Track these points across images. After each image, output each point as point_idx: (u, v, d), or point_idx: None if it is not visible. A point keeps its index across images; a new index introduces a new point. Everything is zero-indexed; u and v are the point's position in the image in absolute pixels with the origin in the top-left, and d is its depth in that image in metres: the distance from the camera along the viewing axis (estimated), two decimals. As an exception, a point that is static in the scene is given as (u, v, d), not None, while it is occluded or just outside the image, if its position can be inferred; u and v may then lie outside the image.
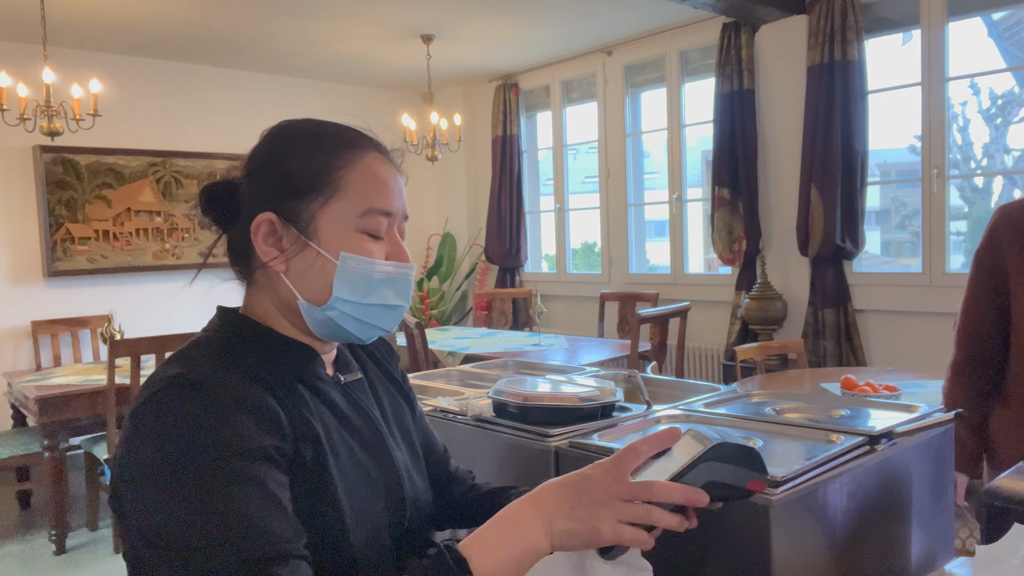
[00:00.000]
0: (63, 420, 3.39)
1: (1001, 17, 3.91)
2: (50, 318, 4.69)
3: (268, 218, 0.87)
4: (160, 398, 0.78)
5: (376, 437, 0.95)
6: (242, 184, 0.91)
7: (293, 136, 0.92)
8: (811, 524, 0.99)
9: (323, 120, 0.95)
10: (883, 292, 4.06)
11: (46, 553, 3.43)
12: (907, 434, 1.15)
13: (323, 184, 0.88)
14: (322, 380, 0.92)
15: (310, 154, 0.89)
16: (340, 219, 0.88)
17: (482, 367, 1.96)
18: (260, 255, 0.89)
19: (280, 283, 0.89)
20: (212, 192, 0.92)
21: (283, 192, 0.88)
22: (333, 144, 0.91)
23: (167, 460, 0.74)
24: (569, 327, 5.57)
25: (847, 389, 2.52)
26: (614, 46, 5.24)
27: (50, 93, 3.64)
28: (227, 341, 0.88)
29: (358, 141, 0.93)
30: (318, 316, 0.89)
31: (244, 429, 0.77)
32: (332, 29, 4.60)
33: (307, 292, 0.89)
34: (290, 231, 0.88)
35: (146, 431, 0.76)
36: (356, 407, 0.95)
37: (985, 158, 4.09)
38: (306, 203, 0.88)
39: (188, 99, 5.17)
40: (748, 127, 4.42)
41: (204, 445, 0.74)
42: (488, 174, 6.14)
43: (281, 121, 0.95)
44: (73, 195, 4.77)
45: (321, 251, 0.87)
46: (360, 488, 0.89)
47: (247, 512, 0.73)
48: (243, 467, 0.75)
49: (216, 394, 0.78)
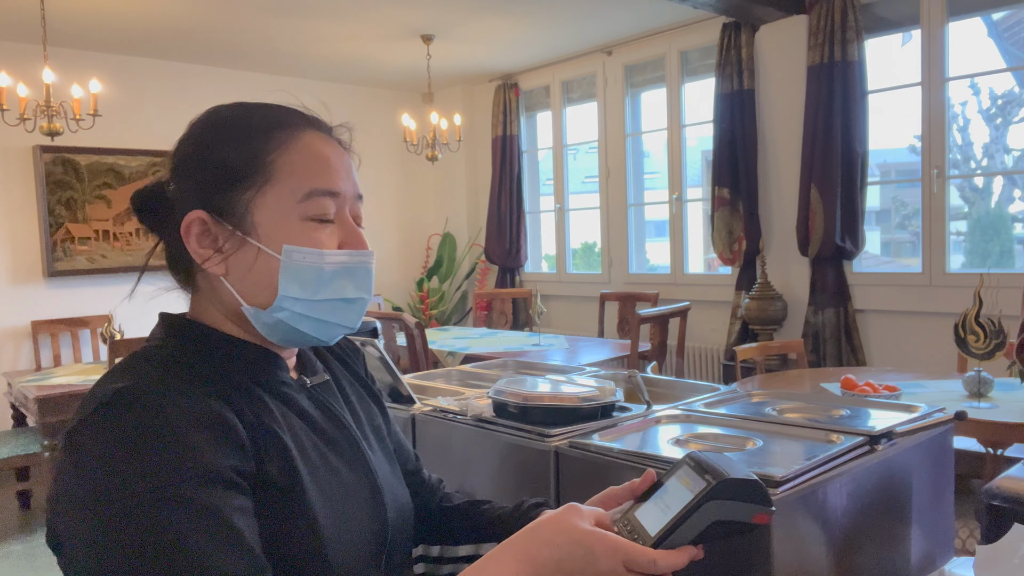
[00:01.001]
0: (63, 420, 3.39)
1: (1001, 17, 3.91)
2: (50, 318, 4.69)
3: (198, 216, 0.79)
4: (98, 418, 0.68)
5: (350, 442, 0.87)
6: (169, 183, 0.82)
7: (217, 123, 0.83)
8: (811, 524, 0.99)
9: (253, 102, 0.86)
10: (883, 292, 4.06)
11: (46, 553, 3.42)
12: (907, 434, 1.15)
13: (254, 171, 0.79)
14: (286, 385, 0.84)
15: (237, 140, 0.80)
16: (278, 208, 0.79)
17: (482, 367, 1.96)
18: (195, 257, 0.80)
19: (222, 287, 0.81)
20: (142, 197, 0.84)
21: (211, 186, 0.79)
22: (261, 126, 0.81)
23: (105, 491, 0.65)
24: (569, 327, 5.56)
25: (847, 389, 2.51)
26: (614, 46, 5.24)
27: (50, 93, 3.64)
28: (176, 349, 0.79)
29: (291, 119, 0.83)
30: (267, 320, 0.80)
31: (198, 450, 0.68)
32: (332, 29, 4.60)
33: (251, 295, 0.80)
34: (224, 228, 0.79)
35: (82, 457, 0.67)
36: (326, 412, 0.87)
37: (985, 158, 4.09)
38: (237, 194, 0.78)
39: (188, 99, 5.16)
40: (748, 127, 4.42)
41: (150, 471, 0.65)
42: (488, 174, 6.14)
43: (207, 110, 0.85)
44: (73, 195, 4.77)
45: (261, 246, 0.78)
46: (337, 499, 0.80)
47: (198, 550, 0.64)
48: (196, 495, 0.66)
49: (164, 410, 0.69)
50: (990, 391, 2.51)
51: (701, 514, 0.69)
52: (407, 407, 1.49)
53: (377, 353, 1.48)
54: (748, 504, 0.69)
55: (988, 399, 2.48)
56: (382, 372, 1.51)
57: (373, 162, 6.12)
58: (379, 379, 1.54)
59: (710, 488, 0.68)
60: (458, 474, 1.37)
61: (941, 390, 2.65)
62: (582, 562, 0.70)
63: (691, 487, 0.71)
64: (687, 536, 0.70)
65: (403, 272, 6.48)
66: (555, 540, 0.72)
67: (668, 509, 0.71)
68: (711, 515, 0.69)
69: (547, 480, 1.18)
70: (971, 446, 2.41)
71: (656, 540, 0.70)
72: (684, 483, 0.73)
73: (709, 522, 0.69)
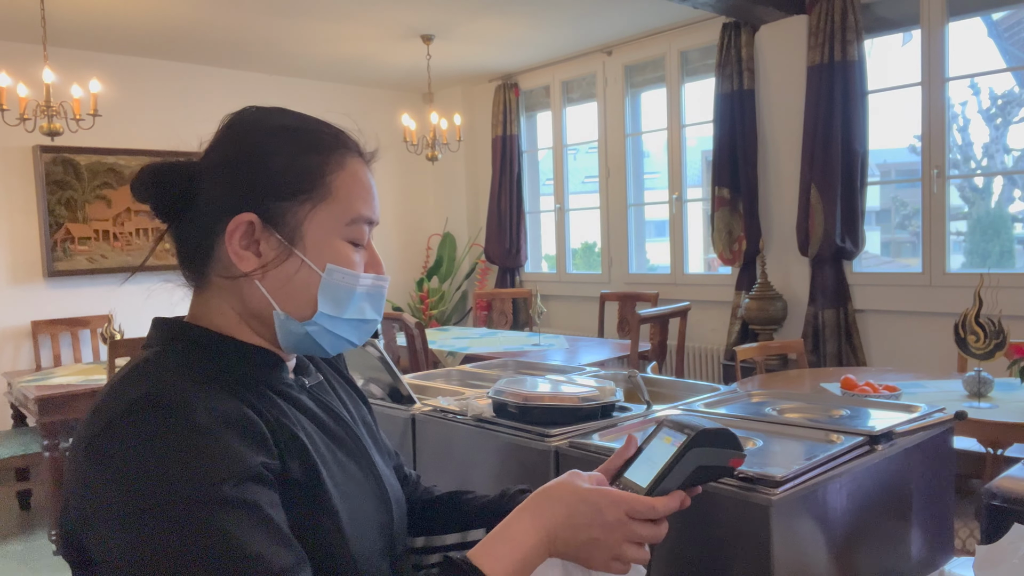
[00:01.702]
0: (63, 420, 3.39)
1: (1001, 17, 3.91)
2: (50, 318, 4.69)
3: (248, 219, 0.78)
4: (124, 425, 0.68)
5: (353, 439, 0.89)
6: (206, 174, 0.80)
7: (276, 130, 0.83)
8: (811, 524, 0.99)
9: (301, 113, 0.86)
10: (883, 292, 4.06)
11: (46, 553, 3.43)
12: (907, 434, 1.15)
13: (313, 187, 0.80)
14: (290, 386, 0.85)
15: (299, 152, 0.81)
16: (327, 227, 0.80)
17: (482, 367, 1.96)
18: (235, 260, 0.78)
19: (253, 291, 0.80)
20: (161, 174, 0.80)
21: (266, 192, 0.79)
22: (323, 143, 0.83)
23: (145, 499, 0.65)
24: (569, 327, 5.56)
25: (847, 389, 2.51)
26: (614, 46, 5.24)
27: (50, 93, 3.64)
28: (184, 354, 0.78)
29: (347, 143, 0.85)
30: (295, 330, 0.81)
31: (230, 448, 0.69)
32: (332, 29, 4.60)
33: (287, 304, 0.80)
34: (272, 236, 0.79)
35: (112, 467, 0.67)
36: (327, 411, 0.88)
37: (985, 158, 4.09)
38: (294, 206, 0.79)
39: (188, 99, 5.17)
40: (748, 127, 4.42)
41: (188, 474, 0.66)
42: (488, 174, 6.14)
43: (249, 109, 0.85)
44: (73, 195, 4.77)
45: (306, 260, 0.80)
46: (350, 494, 0.82)
47: (244, 543, 0.65)
48: (236, 493, 0.67)
49: (191, 411, 0.69)
50: (990, 391, 2.51)
51: (686, 462, 0.78)
52: (407, 407, 1.49)
53: (377, 353, 1.48)
54: (724, 450, 0.80)
55: (988, 399, 2.48)
56: (382, 372, 1.51)
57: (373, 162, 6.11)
58: (379, 379, 1.54)
59: (690, 439, 0.79)
60: (458, 474, 1.37)
61: (941, 390, 2.65)
62: (589, 517, 0.77)
63: (672, 442, 0.81)
64: (675, 482, 0.79)
65: (403, 272, 6.49)
66: (564, 499, 0.79)
67: (655, 464, 0.80)
68: (694, 461, 0.78)
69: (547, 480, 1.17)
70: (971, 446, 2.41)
71: (648, 489, 0.79)
72: (665, 440, 0.82)
73: (693, 467, 0.79)
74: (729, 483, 0.95)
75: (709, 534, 0.98)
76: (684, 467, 0.79)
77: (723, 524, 0.97)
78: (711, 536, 0.98)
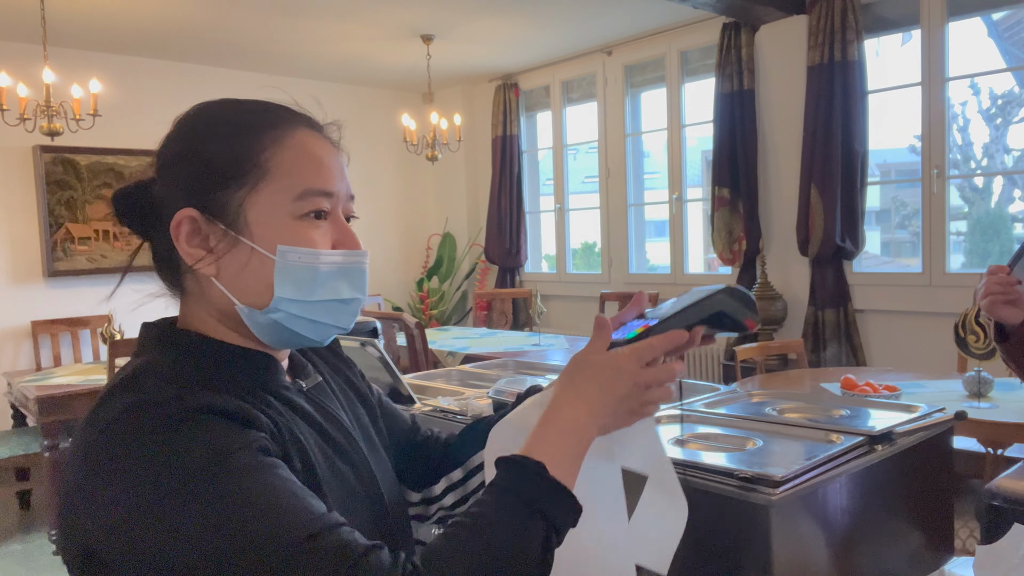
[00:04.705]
0: (63, 420, 3.39)
1: (1001, 17, 3.91)
2: (50, 318, 4.69)
3: (188, 215, 0.77)
4: (119, 428, 0.67)
5: (350, 443, 0.87)
6: (156, 182, 0.80)
7: (207, 120, 0.81)
8: (811, 524, 0.99)
9: (243, 99, 0.84)
10: (883, 292, 4.06)
11: (46, 553, 3.43)
12: (907, 434, 1.15)
13: (247, 169, 0.77)
14: (286, 388, 0.83)
15: (228, 137, 0.78)
16: (272, 207, 0.77)
17: (482, 367, 1.96)
18: (185, 258, 0.78)
19: (213, 289, 0.79)
20: (124, 196, 0.81)
21: (201, 184, 0.77)
22: (254, 123, 0.80)
23: (158, 489, 0.64)
24: (569, 327, 5.56)
25: (847, 389, 2.52)
26: (614, 46, 5.24)
27: (50, 93, 3.64)
28: (175, 361, 0.77)
29: (283, 117, 0.82)
30: (261, 320, 0.79)
31: (232, 426, 0.69)
32: (332, 29, 4.60)
33: (244, 295, 0.78)
34: (216, 227, 0.77)
35: (117, 470, 0.66)
36: (325, 413, 0.86)
37: (985, 158, 4.09)
38: (229, 193, 0.77)
39: (188, 99, 5.09)
40: (748, 127, 4.42)
41: (195, 453, 0.65)
42: (488, 174, 6.14)
43: (194, 106, 0.83)
44: (73, 195, 4.77)
45: (255, 246, 0.77)
46: (345, 500, 0.81)
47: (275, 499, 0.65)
48: (248, 459, 0.67)
49: (188, 403, 0.68)
50: (990, 391, 2.51)
51: (712, 301, 0.83)
52: (407, 407, 1.49)
53: (377, 353, 1.48)
54: (745, 309, 0.84)
55: (988, 399, 2.48)
56: (382, 372, 1.51)
57: (373, 162, 6.12)
58: (379, 379, 1.54)
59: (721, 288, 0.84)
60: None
61: (941, 390, 2.65)
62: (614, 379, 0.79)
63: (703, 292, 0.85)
64: (695, 316, 0.82)
65: (403, 272, 6.48)
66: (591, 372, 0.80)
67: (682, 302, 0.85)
68: (719, 304, 0.83)
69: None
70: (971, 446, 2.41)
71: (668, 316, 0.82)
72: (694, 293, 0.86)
73: (716, 309, 0.82)
74: (729, 483, 0.96)
75: (709, 534, 0.98)
76: (708, 305, 0.82)
77: (723, 524, 0.97)
78: (711, 536, 0.98)
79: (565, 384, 0.81)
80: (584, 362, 0.81)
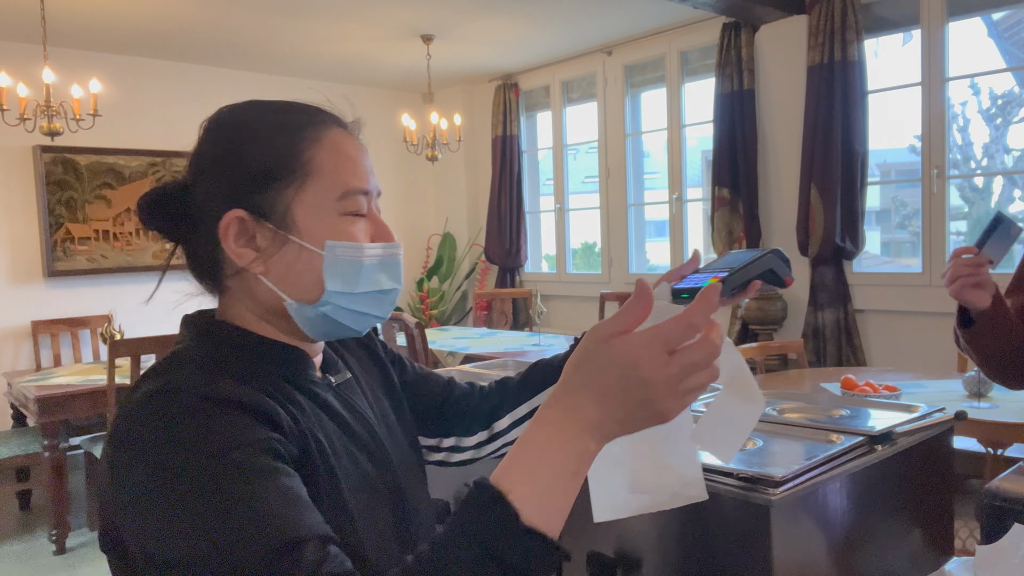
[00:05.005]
0: (63, 420, 3.39)
1: (1001, 17, 3.91)
2: (50, 318, 4.69)
3: (237, 216, 0.78)
4: (138, 412, 0.70)
5: (374, 440, 0.88)
6: (194, 186, 0.81)
7: (247, 121, 0.82)
8: (811, 524, 0.99)
9: (271, 100, 0.85)
10: (883, 292, 4.06)
11: (46, 553, 3.43)
12: (907, 434, 1.15)
13: (292, 169, 0.79)
14: (315, 383, 0.85)
15: (271, 138, 0.80)
16: (318, 205, 0.80)
17: (482, 367, 1.96)
18: (234, 259, 0.79)
19: (260, 287, 0.81)
20: (155, 201, 0.82)
21: (248, 185, 0.79)
22: (294, 123, 0.82)
23: (156, 475, 0.66)
24: (569, 327, 5.56)
25: (847, 389, 2.51)
26: (614, 46, 5.24)
27: (50, 93, 3.64)
28: (208, 350, 0.79)
29: (318, 116, 0.84)
30: (310, 314, 0.81)
31: (240, 422, 0.69)
32: (332, 29, 4.60)
33: (294, 291, 0.80)
34: (264, 227, 0.79)
35: (130, 450, 0.69)
36: (351, 410, 0.88)
37: (985, 158, 4.09)
38: (277, 193, 0.79)
39: (188, 99, 5.17)
40: (748, 127, 4.42)
41: (194, 446, 0.66)
42: (488, 174, 6.14)
43: (222, 109, 0.84)
44: (73, 195, 4.77)
45: (304, 243, 0.79)
46: (366, 498, 0.82)
47: (258, 504, 0.65)
48: (245, 459, 0.67)
49: (204, 393, 0.70)
50: (990, 391, 2.51)
51: (763, 261, 0.92)
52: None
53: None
54: (787, 268, 0.95)
55: (988, 399, 2.48)
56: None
57: (373, 162, 6.10)
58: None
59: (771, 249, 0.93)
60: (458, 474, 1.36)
61: (941, 390, 2.65)
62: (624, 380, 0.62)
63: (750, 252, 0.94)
64: (750, 274, 0.90)
65: (403, 272, 6.47)
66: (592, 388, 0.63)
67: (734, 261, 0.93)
68: (767, 264, 0.92)
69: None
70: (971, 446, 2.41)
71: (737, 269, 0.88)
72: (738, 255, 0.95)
73: (768, 267, 0.92)
74: (729, 483, 0.96)
75: (709, 534, 0.98)
76: (759, 265, 0.91)
77: (723, 524, 0.96)
78: (711, 536, 0.98)
79: (566, 379, 0.65)
80: (594, 352, 0.63)
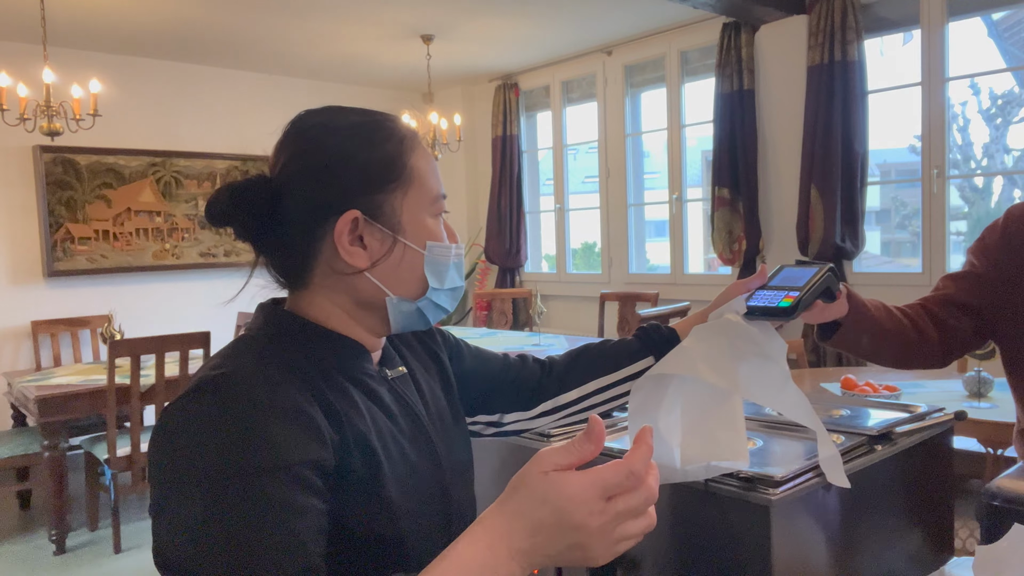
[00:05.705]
0: (63, 420, 3.39)
1: (1001, 17, 3.91)
2: (50, 318, 4.69)
3: (354, 216, 0.82)
4: (190, 400, 0.73)
5: (424, 435, 0.90)
6: (288, 186, 0.83)
7: (349, 128, 0.86)
8: (811, 524, 0.99)
9: (357, 108, 0.90)
10: (883, 292, 4.05)
11: (46, 553, 3.43)
12: (907, 434, 1.15)
13: (400, 173, 0.85)
14: (370, 377, 0.87)
15: (382, 143, 0.85)
16: (419, 208, 0.86)
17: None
18: (346, 258, 0.82)
19: (362, 283, 0.85)
20: (243, 194, 0.82)
21: (360, 188, 0.83)
22: (393, 132, 0.87)
23: (175, 471, 0.69)
24: (569, 327, 5.56)
25: (847, 389, 2.52)
26: (614, 46, 5.24)
27: (50, 93, 3.64)
28: (272, 338, 0.83)
29: (409, 128, 0.90)
30: (406, 308, 0.87)
31: (272, 443, 0.70)
32: (332, 29, 4.60)
33: (398, 287, 0.86)
34: (375, 227, 0.84)
35: (168, 434, 0.72)
36: (403, 405, 0.90)
37: (985, 158, 4.09)
38: (388, 196, 0.84)
39: (188, 99, 5.17)
40: (748, 127, 4.42)
41: (217, 455, 0.68)
42: (488, 174, 6.14)
43: (310, 114, 0.87)
44: (73, 195, 4.77)
45: (409, 244, 0.86)
46: (413, 492, 0.84)
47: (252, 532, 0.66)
48: (261, 484, 0.68)
49: (248, 399, 0.72)
50: (990, 391, 2.51)
51: (825, 279, 1.01)
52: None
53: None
54: (837, 281, 1.06)
55: (988, 399, 2.48)
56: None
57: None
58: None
59: (827, 267, 1.04)
60: (458, 474, 1.36)
61: (941, 390, 2.65)
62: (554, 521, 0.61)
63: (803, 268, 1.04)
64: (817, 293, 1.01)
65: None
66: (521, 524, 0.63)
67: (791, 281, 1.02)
68: (825, 284, 1.02)
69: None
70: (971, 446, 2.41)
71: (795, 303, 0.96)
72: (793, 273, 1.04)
73: (825, 286, 1.02)
74: (729, 483, 0.96)
75: (709, 534, 0.98)
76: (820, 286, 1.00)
77: (723, 524, 0.97)
78: (711, 536, 0.98)
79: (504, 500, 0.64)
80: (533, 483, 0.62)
